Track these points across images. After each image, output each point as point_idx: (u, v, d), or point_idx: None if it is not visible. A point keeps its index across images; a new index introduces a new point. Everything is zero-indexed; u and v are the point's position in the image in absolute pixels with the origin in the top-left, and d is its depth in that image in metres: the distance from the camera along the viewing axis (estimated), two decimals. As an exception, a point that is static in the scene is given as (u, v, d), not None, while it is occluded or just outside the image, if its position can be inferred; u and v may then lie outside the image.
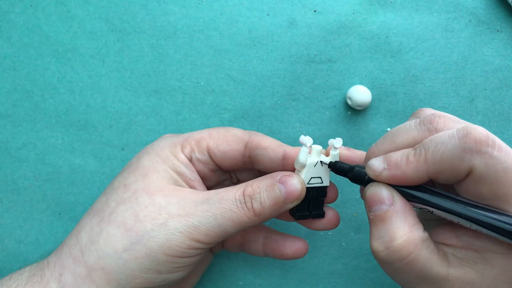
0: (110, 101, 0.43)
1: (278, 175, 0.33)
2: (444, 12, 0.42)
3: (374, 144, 0.32)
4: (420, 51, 0.42)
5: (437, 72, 0.42)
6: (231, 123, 0.43)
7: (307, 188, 0.33)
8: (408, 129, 0.30)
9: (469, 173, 0.27)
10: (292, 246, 0.37)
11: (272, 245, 0.38)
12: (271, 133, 0.43)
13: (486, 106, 0.43)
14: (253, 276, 0.43)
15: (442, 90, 0.42)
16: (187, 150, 0.36)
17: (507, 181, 0.26)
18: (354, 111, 0.43)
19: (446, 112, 0.42)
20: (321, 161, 0.33)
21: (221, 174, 0.38)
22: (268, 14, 0.42)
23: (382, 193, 0.29)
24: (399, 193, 0.29)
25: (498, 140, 0.26)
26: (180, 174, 0.35)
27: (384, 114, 0.43)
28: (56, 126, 0.43)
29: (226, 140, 0.36)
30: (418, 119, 0.30)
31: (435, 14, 0.42)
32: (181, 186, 0.35)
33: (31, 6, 0.43)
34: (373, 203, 0.29)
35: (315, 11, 0.42)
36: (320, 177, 0.34)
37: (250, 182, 0.33)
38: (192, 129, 0.43)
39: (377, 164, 0.29)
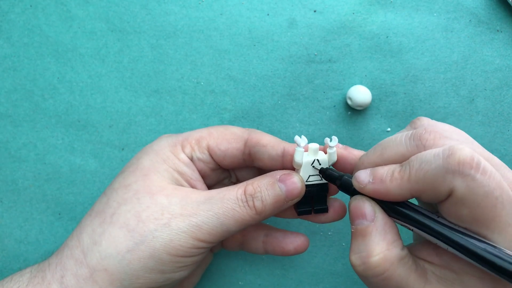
0: (110, 101, 0.43)
1: (278, 173, 0.33)
2: (444, 12, 0.42)
3: (365, 154, 0.32)
4: (420, 51, 0.42)
5: (437, 72, 0.42)
6: (231, 123, 0.43)
7: (306, 185, 0.33)
8: (398, 143, 0.30)
9: (450, 195, 0.26)
10: (294, 242, 0.37)
11: (273, 242, 0.38)
12: (271, 133, 0.43)
13: (486, 106, 0.43)
14: (253, 276, 0.43)
15: (442, 90, 0.43)
16: (188, 149, 0.36)
17: (487, 205, 0.25)
18: (354, 111, 0.43)
19: (446, 112, 0.42)
20: (316, 161, 0.33)
21: (221, 173, 0.38)
22: (268, 14, 0.42)
23: (365, 208, 0.29)
24: (381, 209, 0.29)
25: (483, 163, 0.26)
26: (181, 173, 0.35)
27: (384, 114, 0.43)
28: (56, 126, 0.43)
29: (226, 139, 0.36)
30: (410, 133, 0.30)
31: (435, 14, 0.42)
32: (182, 185, 0.35)
33: (31, 6, 0.42)
34: (356, 217, 0.29)
35: (315, 11, 0.42)
36: (319, 175, 0.34)
37: (250, 181, 0.33)
38: (192, 129, 0.43)
39: (363, 177, 0.29)
